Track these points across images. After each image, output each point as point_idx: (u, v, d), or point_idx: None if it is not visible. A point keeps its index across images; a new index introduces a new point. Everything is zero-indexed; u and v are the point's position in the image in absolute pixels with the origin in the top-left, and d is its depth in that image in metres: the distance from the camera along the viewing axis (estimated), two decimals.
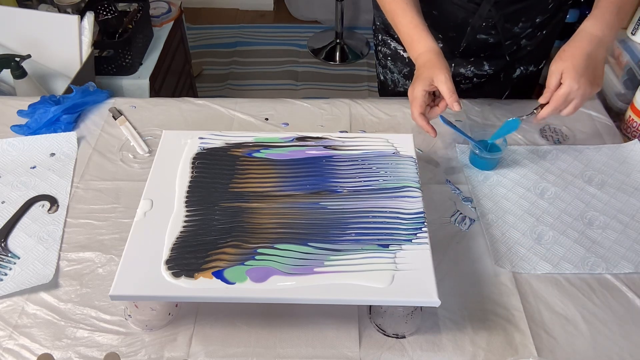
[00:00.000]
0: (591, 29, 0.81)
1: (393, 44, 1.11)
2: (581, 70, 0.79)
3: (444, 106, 0.86)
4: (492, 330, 0.70)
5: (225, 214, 0.70)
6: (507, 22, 0.96)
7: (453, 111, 0.83)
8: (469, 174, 0.92)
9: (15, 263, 0.77)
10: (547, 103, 0.84)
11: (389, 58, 1.14)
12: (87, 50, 1.36)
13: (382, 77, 1.21)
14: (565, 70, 0.80)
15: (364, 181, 0.75)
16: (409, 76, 1.12)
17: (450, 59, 0.99)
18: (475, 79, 1.08)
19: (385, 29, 1.11)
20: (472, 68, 1.06)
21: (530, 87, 1.15)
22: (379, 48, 1.16)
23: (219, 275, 0.63)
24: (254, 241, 0.67)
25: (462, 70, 1.07)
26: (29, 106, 1.00)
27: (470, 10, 0.95)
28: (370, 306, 0.72)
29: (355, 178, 0.76)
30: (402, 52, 1.10)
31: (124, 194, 0.87)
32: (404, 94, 1.07)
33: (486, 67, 1.06)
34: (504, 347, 0.69)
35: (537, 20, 0.98)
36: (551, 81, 0.82)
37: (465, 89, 1.09)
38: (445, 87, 0.82)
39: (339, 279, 0.63)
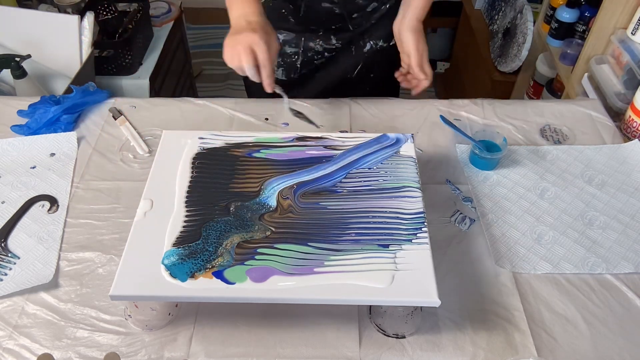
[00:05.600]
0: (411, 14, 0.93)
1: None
2: (423, 40, 0.93)
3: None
4: (492, 330, 0.70)
5: (225, 214, 0.70)
6: None
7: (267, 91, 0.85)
8: (469, 174, 0.92)
9: (15, 263, 0.77)
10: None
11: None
12: (87, 50, 1.36)
13: None
14: (415, 49, 0.92)
15: (364, 181, 0.75)
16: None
17: (300, 33, 1.06)
18: (326, 53, 1.11)
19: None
20: (321, 42, 1.08)
21: (389, 64, 1.17)
22: None
23: (219, 275, 0.63)
24: (254, 241, 0.67)
25: (311, 44, 1.09)
26: (29, 106, 1.00)
27: None
28: (370, 306, 0.72)
29: (355, 178, 0.76)
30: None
31: (124, 194, 0.87)
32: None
33: (334, 41, 1.08)
34: (504, 347, 0.69)
35: None
36: (410, 48, 0.93)
37: (319, 64, 1.13)
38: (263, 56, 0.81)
39: (339, 279, 0.63)
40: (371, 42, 1.11)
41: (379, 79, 1.19)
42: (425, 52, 0.94)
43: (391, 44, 1.11)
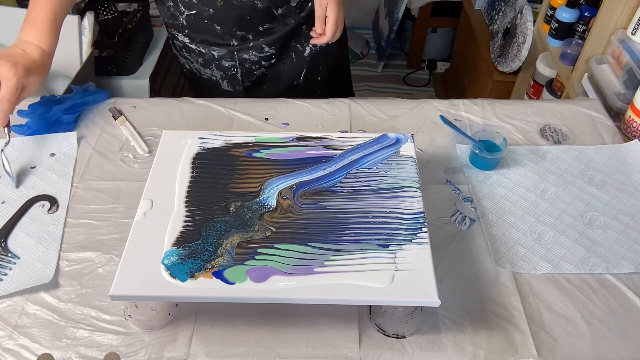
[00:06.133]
0: None
1: (181, 37, 1.12)
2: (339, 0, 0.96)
3: None
4: (492, 330, 0.70)
5: (225, 214, 0.70)
6: None
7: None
8: (469, 174, 0.92)
9: (15, 263, 0.77)
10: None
11: (184, 50, 1.15)
12: (87, 50, 1.36)
13: (187, 67, 1.22)
14: (330, 3, 0.95)
15: (364, 181, 0.75)
16: (206, 65, 1.15)
17: (230, 47, 1.07)
18: (264, 62, 1.11)
19: (169, 23, 1.11)
20: (254, 52, 1.09)
21: (335, 63, 1.20)
22: (173, 41, 1.17)
23: (219, 275, 0.63)
24: (254, 241, 0.67)
25: (245, 56, 1.09)
26: (29, 106, 1.00)
27: None
28: (370, 306, 0.72)
29: (355, 178, 0.76)
30: (190, 44, 1.12)
31: (124, 194, 0.87)
32: (208, 81, 1.16)
33: (266, 49, 1.09)
34: (504, 347, 0.69)
35: None
36: (319, 12, 0.97)
37: (261, 74, 1.14)
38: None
39: (339, 279, 0.63)
40: (310, 46, 1.11)
41: (327, 79, 1.18)
42: (334, 13, 0.96)
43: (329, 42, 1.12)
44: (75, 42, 1.35)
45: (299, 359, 0.67)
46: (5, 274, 0.75)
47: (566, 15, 1.51)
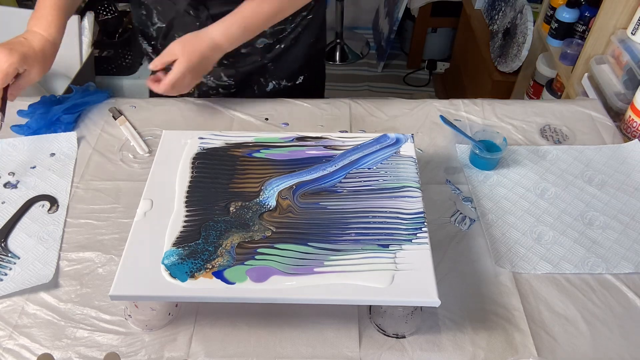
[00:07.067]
0: (215, 35, 0.88)
1: (145, 45, 1.11)
2: (193, 67, 0.87)
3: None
4: (492, 330, 0.70)
5: (225, 214, 0.70)
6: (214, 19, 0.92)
7: None
8: (469, 174, 0.92)
9: (15, 263, 0.77)
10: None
11: (146, 58, 1.14)
12: (87, 50, 1.36)
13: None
14: (180, 60, 0.86)
15: (364, 181, 0.75)
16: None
17: None
18: (221, 89, 1.09)
19: (139, 29, 1.10)
20: (212, 77, 1.07)
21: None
22: (141, 45, 1.15)
23: (219, 275, 0.63)
24: (254, 241, 0.67)
25: (203, 79, 1.07)
26: (29, 106, 1.00)
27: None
28: (370, 306, 0.72)
29: (355, 178, 0.76)
30: (152, 55, 1.10)
31: (124, 194, 0.87)
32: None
33: (225, 78, 1.07)
34: (504, 347, 0.69)
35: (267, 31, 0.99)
36: (164, 56, 0.88)
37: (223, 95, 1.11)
38: None
39: (339, 279, 0.63)
40: (273, 82, 1.10)
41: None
42: (177, 73, 0.86)
43: (297, 82, 1.11)
44: (75, 42, 1.35)
45: (299, 359, 0.67)
46: (5, 274, 0.75)
47: (566, 15, 1.51)
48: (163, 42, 1.03)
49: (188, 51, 0.86)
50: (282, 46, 1.05)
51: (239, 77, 1.07)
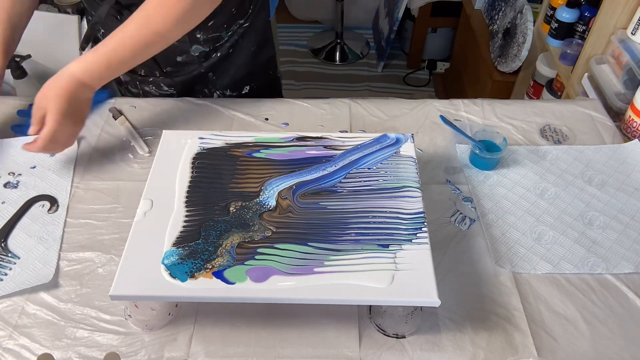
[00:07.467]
0: (76, 73, 0.81)
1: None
2: (65, 111, 0.80)
3: None
4: (492, 330, 0.70)
5: (225, 214, 0.70)
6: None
7: None
8: (469, 174, 0.92)
9: (15, 263, 0.77)
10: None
11: None
12: (87, 50, 1.36)
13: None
14: (49, 111, 0.80)
15: (364, 181, 0.75)
16: (119, 83, 1.14)
17: (135, 68, 0.96)
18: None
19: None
20: (153, 88, 1.07)
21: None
22: None
23: (219, 275, 0.63)
24: (254, 241, 0.67)
25: (146, 88, 1.06)
26: (29, 106, 1.00)
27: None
28: (370, 306, 0.72)
29: (355, 178, 0.76)
30: None
31: (124, 194, 0.87)
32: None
33: (165, 88, 1.07)
34: (504, 347, 0.69)
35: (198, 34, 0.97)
36: (35, 114, 0.82)
37: None
38: None
39: (339, 279, 0.63)
40: (217, 92, 1.09)
41: None
42: (51, 126, 0.79)
43: (242, 92, 1.10)
44: (75, 42, 1.35)
45: (299, 359, 0.67)
46: (5, 274, 0.75)
47: (566, 15, 1.51)
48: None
49: (52, 96, 0.80)
50: (219, 54, 1.03)
51: (180, 87, 1.07)
